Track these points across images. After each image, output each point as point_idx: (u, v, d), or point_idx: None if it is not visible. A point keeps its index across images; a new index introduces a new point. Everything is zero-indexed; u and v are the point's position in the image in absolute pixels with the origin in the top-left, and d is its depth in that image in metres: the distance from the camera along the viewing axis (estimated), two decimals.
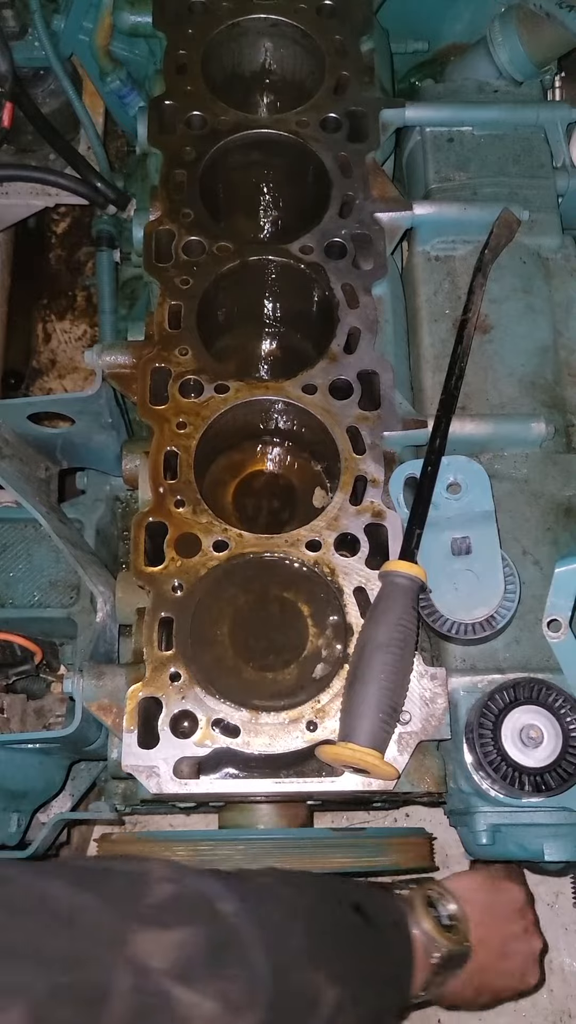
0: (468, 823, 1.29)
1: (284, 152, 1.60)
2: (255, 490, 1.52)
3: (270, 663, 1.35)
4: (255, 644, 1.36)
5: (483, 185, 1.58)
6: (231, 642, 1.35)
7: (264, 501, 1.52)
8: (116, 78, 1.92)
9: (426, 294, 1.54)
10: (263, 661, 1.35)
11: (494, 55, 1.69)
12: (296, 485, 1.51)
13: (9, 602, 1.53)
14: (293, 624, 1.36)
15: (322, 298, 1.49)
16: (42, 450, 1.55)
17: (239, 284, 1.52)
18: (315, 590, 1.32)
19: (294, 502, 1.49)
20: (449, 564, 1.28)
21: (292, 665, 1.34)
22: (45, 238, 2.64)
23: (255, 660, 1.35)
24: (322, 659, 1.33)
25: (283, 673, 1.34)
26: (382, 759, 1.17)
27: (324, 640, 1.33)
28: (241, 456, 1.53)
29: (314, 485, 1.49)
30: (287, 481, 1.52)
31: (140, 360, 1.42)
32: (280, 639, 1.36)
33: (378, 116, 1.59)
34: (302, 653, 1.34)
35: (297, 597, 1.36)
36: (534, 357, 1.48)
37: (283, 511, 1.49)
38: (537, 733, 1.21)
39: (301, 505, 1.47)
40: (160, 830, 1.92)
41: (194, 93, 1.60)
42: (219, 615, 1.34)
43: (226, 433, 1.45)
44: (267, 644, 1.36)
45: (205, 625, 1.31)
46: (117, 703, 1.25)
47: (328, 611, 1.31)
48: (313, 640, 1.34)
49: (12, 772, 1.40)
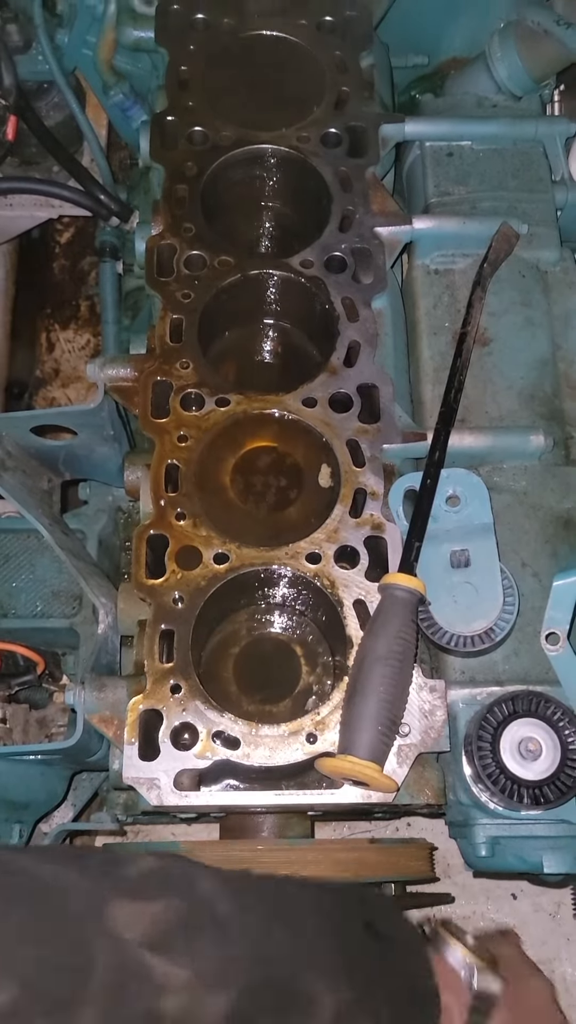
0: (467, 835, 1.30)
1: (285, 167, 1.62)
2: (259, 468, 1.51)
3: (266, 698, 1.39)
4: (253, 681, 1.40)
5: (482, 199, 1.59)
6: (233, 679, 1.39)
7: (269, 478, 1.51)
8: (119, 91, 1.94)
9: (426, 307, 1.55)
10: (260, 696, 1.39)
11: (493, 70, 1.70)
12: (301, 463, 1.50)
13: (12, 612, 1.54)
14: (287, 663, 1.40)
15: (322, 311, 1.50)
16: (45, 462, 1.56)
17: (240, 298, 1.53)
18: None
19: (300, 480, 1.48)
20: (448, 577, 1.29)
21: (287, 699, 1.37)
22: (49, 248, 2.66)
23: (253, 695, 1.39)
24: (314, 694, 1.37)
25: (279, 707, 1.38)
26: (381, 772, 1.17)
27: (315, 677, 1.38)
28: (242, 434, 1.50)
29: (320, 462, 1.48)
30: (292, 458, 1.51)
31: (142, 373, 1.43)
32: (275, 676, 1.40)
33: (378, 131, 1.60)
34: (295, 689, 1.38)
35: (291, 641, 1.39)
36: (533, 370, 1.49)
37: (289, 490, 1.49)
38: (536, 746, 1.21)
39: (306, 483, 1.46)
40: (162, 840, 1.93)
41: (196, 109, 1.62)
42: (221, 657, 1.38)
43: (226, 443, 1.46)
44: (264, 681, 1.40)
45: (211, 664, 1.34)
46: (118, 715, 1.26)
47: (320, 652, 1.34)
48: (305, 677, 1.39)
49: (14, 783, 1.41)
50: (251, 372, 1.58)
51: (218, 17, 1.69)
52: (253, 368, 1.59)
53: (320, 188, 1.57)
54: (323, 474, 1.44)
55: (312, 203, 1.60)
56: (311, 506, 1.44)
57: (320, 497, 1.43)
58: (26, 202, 2.07)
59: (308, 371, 1.46)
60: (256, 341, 1.63)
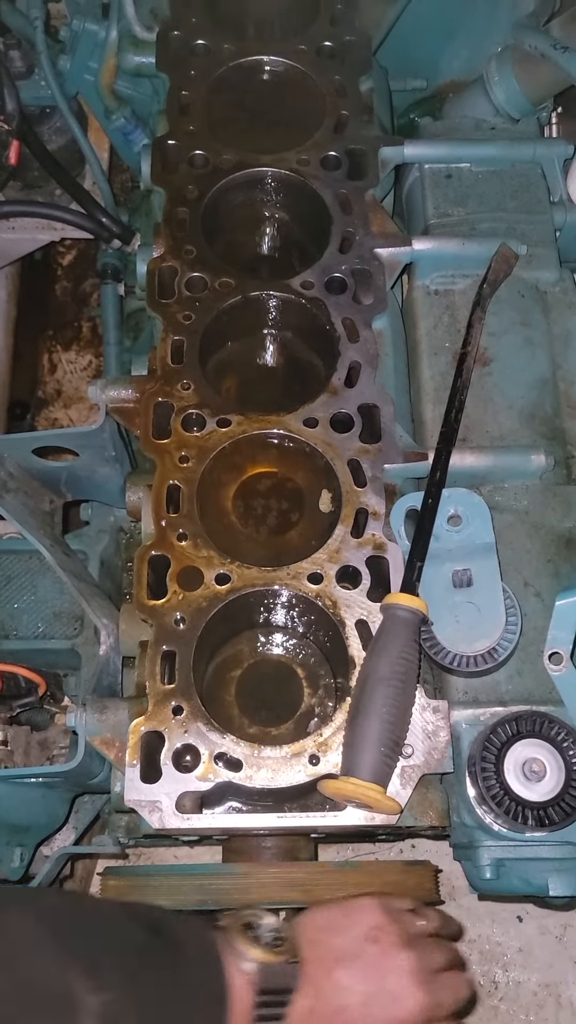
0: (472, 857, 1.29)
1: (285, 189, 1.63)
2: (260, 491, 1.51)
3: (268, 719, 1.38)
4: (255, 703, 1.39)
5: (481, 220, 1.60)
6: (235, 701, 1.38)
7: (270, 502, 1.51)
8: (121, 116, 1.96)
9: (426, 328, 1.55)
10: (262, 718, 1.38)
11: (491, 93, 1.72)
12: (302, 487, 1.50)
13: (14, 633, 1.54)
14: (289, 684, 1.40)
15: (323, 332, 1.50)
16: (47, 483, 1.56)
17: (241, 319, 1.54)
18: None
19: (301, 504, 1.49)
20: (450, 596, 1.28)
21: (289, 722, 1.37)
22: (51, 270, 2.68)
23: (255, 717, 1.38)
24: (316, 716, 1.37)
25: (280, 729, 1.37)
26: (384, 793, 1.16)
27: (317, 699, 1.38)
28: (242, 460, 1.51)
29: (320, 487, 1.48)
30: (293, 483, 1.51)
31: (143, 395, 1.44)
32: (277, 698, 1.39)
33: (377, 154, 1.62)
34: (297, 711, 1.38)
35: (293, 662, 1.39)
36: (533, 389, 1.49)
37: (290, 513, 1.49)
38: (540, 767, 1.21)
39: (307, 508, 1.47)
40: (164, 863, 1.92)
41: (196, 133, 1.64)
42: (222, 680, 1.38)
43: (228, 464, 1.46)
44: (265, 702, 1.39)
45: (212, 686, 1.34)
46: (120, 737, 1.26)
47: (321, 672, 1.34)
48: (307, 699, 1.39)
49: (15, 806, 1.40)
50: (252, 392, 1.58)
51: (218, 43, 1.71)
52: (254, 388, 1.59)
53: (320, 210, 1.58)
54: (323, 499, 1.44)
55: (312, 225, 1.62)
56: (312, 530, 1.44)
57: (321, 521, 1.43)
58: (28, 225, 2.09)
59: (309, 391, 1.47)
60: (257, 362, 1.64)
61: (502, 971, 2.00)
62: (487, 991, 1.99)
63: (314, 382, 1.49)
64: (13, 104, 1.85)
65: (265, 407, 1.44)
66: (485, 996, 1.98)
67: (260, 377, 1.60)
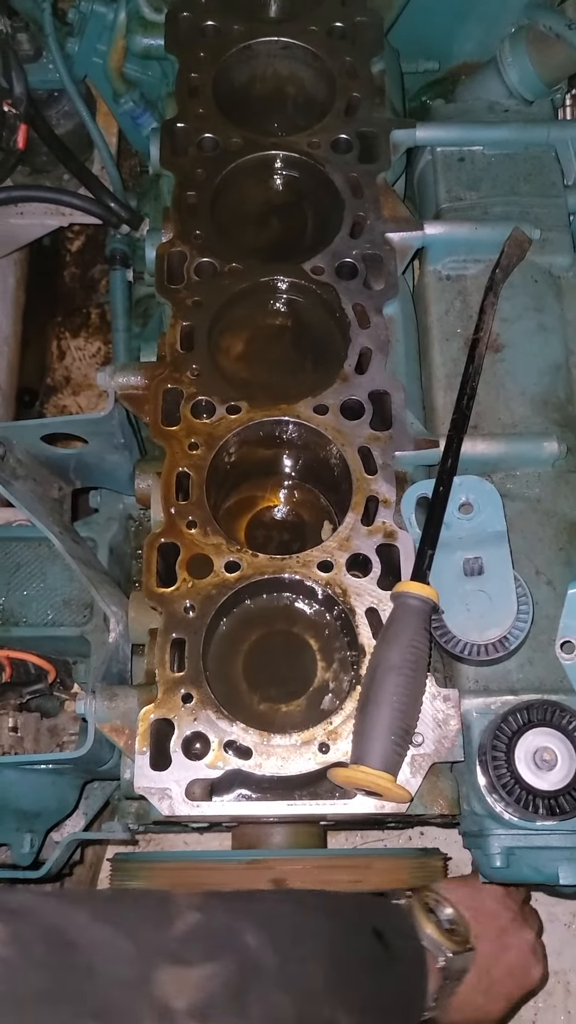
0: (482, 845, 1.28)
1: (295, 173, 1.61)
2: (266, 524, 1.52)
3: (279, 695, 1.36)
4: (264, 679, 1.37)
5: (494, 204, 1.58)
6: (244, 676, 1.36)
7: (275, 534, 1.52)
8: (129, 99, 1.94)
9: (437, 313, 1.54)
10: (272, 694, 1.36)
11: (504, 75, 1.69)
12: (306, 520, 1.52)
13: (23, 620, 1.54)
14: (301, 658, 1.37)
15: (333, 318, 1.49)
16: (56, 470, 1.56)
17: (250, 305, 1.53)
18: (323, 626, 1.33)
19: (304, 536, 1.49)
20: (461, 585, 1.27)
21: (301, 697, 1.34)
22: (60, 256, 2.66)
23: (264, 693, 1.36)
24: (330, 691, 1.34)
25: (293, 705, 1.35)
26: (394, 782, 1.16)
27: (332, 673, 1.35)
28: (251, 494, 1.54)
29: (323, 520, 1.49)
30: (297, 516, 1.53)
31: (152, 381, 1.43)
32: (288, 672, 1.37)
33: (389, 137, 1.60)
34: (310, 686, 1.35)
35: (305, 633, 1.37)
36: (546, 376, 1.47)
37: (293, 543, 1.49)
38: (551, 756, 1.20)
39: (311, 540, 1.47)
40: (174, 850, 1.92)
41: (206, 116, 1.62)
42: (231, 653, 1.36)
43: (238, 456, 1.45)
44: (276, 677, 1.37)
45: (217, 662, 1.32)
46: (129, 724, 1.25)
47: (335, 645, 1.31)
48: (321, 673, 1.36)
49: (25, 792, 1.40)
50: (262, 379, 1.57)
51: (228, 24, 1.69)
52: (264, 375, 1.58)
53: (331, 194, 1.56)
54: (326, 531, 1.45)
55: (323, 209, 1.60)
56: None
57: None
58: (37, 210, 2.08)
59: (319, 378, 1.46)
60: (267, 348, 1.62)
61: None
62: None
63: (324, 368, 1.48)
64: (21, 88, 1.84)
65: (275, 394, 1.43)
66: None
67: (270, 363, 1.59)
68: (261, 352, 1.59)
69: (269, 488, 1.55)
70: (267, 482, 1.54)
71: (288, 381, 1.53)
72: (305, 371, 1.55)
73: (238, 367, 1.56)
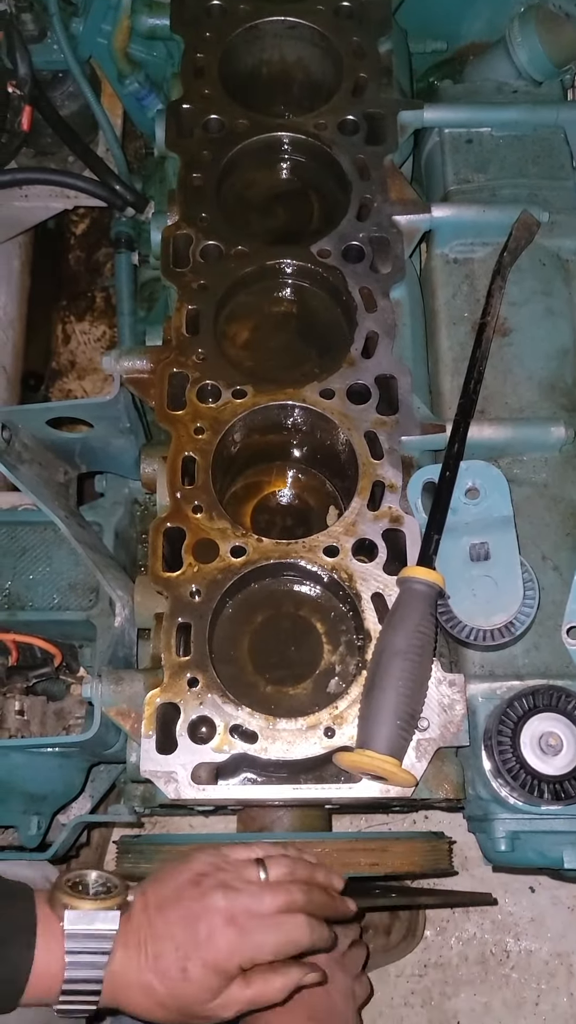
0: (487, 830, 1.29)
1: (301, 155, 1.60)
2: (272, 508, 1.52)
3: (285, 679, 1.36)
4: (270, 661, 1.36)
5: (502, 187, 1.57)
6: (248, 660, 1.36)
7: (279, 519, 1.51)
8: (134, 80, 1.92)
9: (445, 297, 1.53)
10: (278, 676, 1.36)
11: (513, 55, 1.67)
12: (312, 505, 1.51)
13: (29, 604, 1.54)
14: (307, 641, 1.37)
15: (340, 302, 1.48)
16: (61, 454, 1.56)
17: (256, 288, 1.52)
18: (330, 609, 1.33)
19: (309, 522, 1.49)
20: (467, 570, 1.27)
21: (307, 680, 1.34)
22: (64, 239, 2.65)
23: (271, 676, 1.36)
24: (336, 674, 1.34)
25: (299, 688, 1.35)
26: (400, 766, 1.16)
27: (338, 656, 1.34)
28: (257, 478, 1.53)
29: (328, 504, 1.49)
30: (303, 501, 1.52)
31: (158, 365, 1.42)
32: (295, 655, 1.36)
33: (396, 118, 1.58)
34: (316, 669, 1.34)
35: (311, 615, 1.37)
36: (553, 360, 1.47)
37: (297, 529, 1.49)
38: (556, 741, 1.20)
39: (316, 526, 1.47)
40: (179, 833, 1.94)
41: (211, 96, 1.60)
42: (237, 635, 1.35)
43: (243, 440, 1.45)
44: (281, 660, 1.37)
45: (223, 644, 1.32)
46: (135, 708, 1.26)
47: (342, 628, 1.31)
48: (327, 656, 1.35)
49: (32, 775, 1.41)
50: (268, 363, 1.56)
51: (234, 3, 1.67)
52: (270, 359, 1.58)
53: (337, 176, 1.55)
54: (331, 515, 1.45)
55: (329, 191, 1.59)
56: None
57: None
58: (41, 193, 2.06)
59: (325, 362, 1.45)
60: (273, 332, 1.62)
61: (514, 941, 2.01)
62: (499, 960, 2.00)
63: (331, 352, 1.48)
64: (25, 68, 1.82)
65: (281, 378, 1.42)
66: (497, 965, 2.00)
67: (276, 347, 1.58)
68: (267, 337, 1.58)
69: (275, 473, 1.54)
70: (273, 467, 1.54)
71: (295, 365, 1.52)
72: (311, 357, 1.54)
73: (244, 351, 1.55)
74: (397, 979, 1.99)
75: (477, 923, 2.02)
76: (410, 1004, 1.99)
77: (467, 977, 1.99)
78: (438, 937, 2.02)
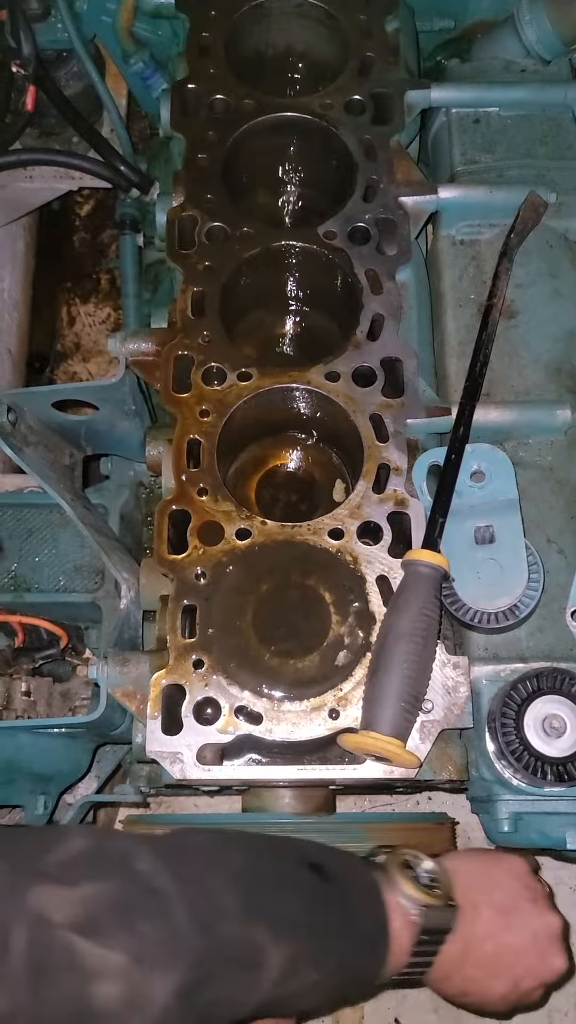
0: (490, 811, 1.30)
1: (308, 136, 1.59)
2: (276, 483, 1.52)
3: (292, 650, 1.35)
4: (276, 631, 1.35)
5: (509, 167, 1.55)
6: (253, 630, 1.35)
7: (284, 494, 1.51)
8: (139, 60, 1.91)
9: (451, 279, 1.52)
10: (284, 647, 1.35)
11: (521, 33, 1.66)
12: (317, 479, 1.50)
13: (35, 586, 1.55)
14: (315, 611, 1.35)
15: (345, 284, 1.48)
16: (67, 437, 1.56)
17: (262, 270, 1.52)
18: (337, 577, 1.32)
19: (314, 496, 1.49)
20: (472, 553, 1.28)
21: (314, 653, 1.34)
22: (69, 221, 2.64)
23: (276, 647, 1.35)
24: (344, 647, 1.33)
25: (305, 660, 1.34)
26: (404, 747, 1.17)
27: (347, 628, 1.33)
28: (263, 451, 1.52)
29: (334, 478, 1.49)
30: (308, 475, 1.51)
31: (163, 347, 1.42)
32: (302, 626, 1.36)
33: (403, 98, 1.57)
34: (324, 641, 1.34)
35: (319, 584, 1.36)
36: (560, 342, 1.46)
37: (302, 503, 1.49)
38: (560, 723, 1.21)
39: (321, 499, 1.46)
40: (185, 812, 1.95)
41: (217, 76, 1.59)
42: (242, 604, 1.34)
43: (249, 422, 1.45)
44: (288, 631, 1.36)
45: (228, 614, 1.31)
46: (141, 689, 1.27)
47: (350, 598, 1.30)
48: (335, 628, 1.34)
49: (39, 755, 1.42)
50: (273, 345, 1.56)
51: None
52: (275, 341, 1.57)
53: (344, 157, 1.54)
54: (337, 489, 1.44)
55: (335, 172, 1.58)
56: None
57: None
58: (46, 174, 2.05)
59: (331, 344, 1.45)
60: (278, 314, 1.61)
61: None
62: None
63: (336, 335, 1.47)
64: (30, 48, 1.81)
65: (286, 360, 1.42)
66: None
67: (282, 329, 1.57)
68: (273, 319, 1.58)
69: (280, 446, 1.53)
70: (278, 440, 1.53)
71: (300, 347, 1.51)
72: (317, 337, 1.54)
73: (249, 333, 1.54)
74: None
75: None
76: None
77: None
78: None
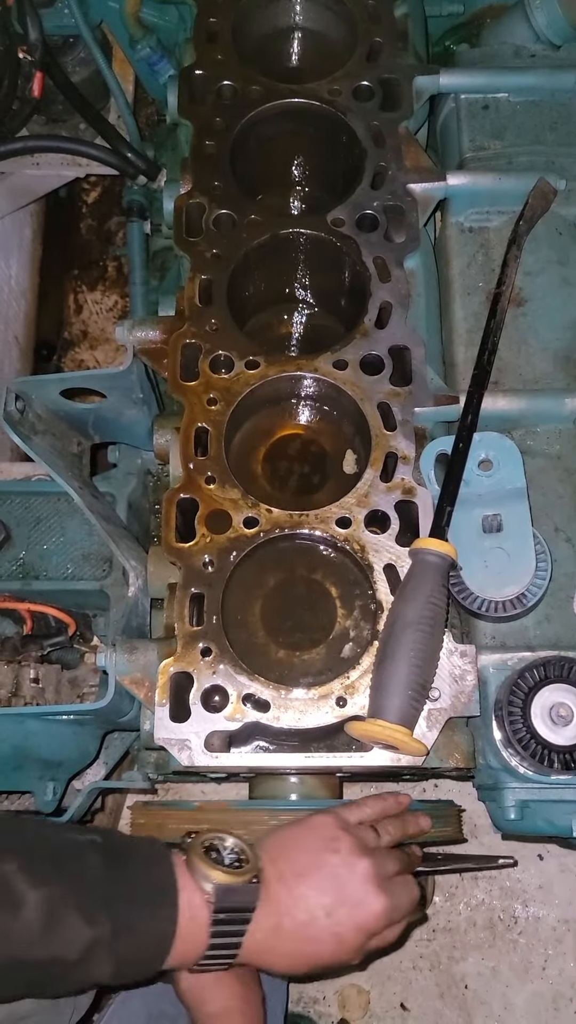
0: (496, 799, 1.30)
1: (316, 122, 1.58)
2: (286, 454, 1.51)
3: (299, 643, 1.36)
4: (283, 624, 1.36)
5: (519, 154, 1.54)
6: (261, 623, 1.36)
7: (295, 465, 1.50)
8: (146, 45, 1.90)
9: (459, 267, 1.51)
10: (292, 641, 1.36)
11: (531, 18, 1.64)
12: (327, 449, 1.49)
13: (43, 574, 1.55)
14: (322, 604, 1.36)
15: (353, 272, 1.47)
16: (74, 425, 1.56)
17: (270, 258, 1.51)
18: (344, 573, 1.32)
19: (324, 467, 1.48)
20: (480, 541, 1.27)
21: (321, 645, 1.34)
22: (76, 208, 2.63)
23: (284, 640, 1.36)
24: (350, 639, 1.34)
25: (312, 653, 1.35)
26: (411, 736, 1.18)
27: (352, 621, 1.34)
28: (271, 421, 1.51)
29: (345, 449, 1.48)
30: (318, 446, 1.50)
31: (170, 335, 1.42)
32: (308, 619, 1.36)
33: (412, 84, 1.56)
34: (330, 634, 1.34)
35: (326, 579, 1.37)
36: (569, 331, 1.45)
37: (313, 475, 1.48)
38: (567, 711, 1.21)
39: (332, 470, 1.45)
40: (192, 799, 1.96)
41: (224, 62, 1.58)
42: (249, 598, 1.35)
43: (256, 406, 1.45)
44: (295, 624, 1.37)
45: (235, 607, 1.32)
46: (149, 677, 1.27)
47: (356, 592, 1.31)
48: (341, 621, 1.35)
49: (48, 742, 1.43)
50: (280, 333, 1.56)
51: None
52: (282, 329, 1.57)
53: (352, 143, 1.53)
54: (348, 460, 1.43)
55: (344, 159, 1.57)
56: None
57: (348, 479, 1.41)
58: (53, 161, 2.05)
59: (339, 332, 1.44)
60: (286, 302, 1.61)
61: (522, 907, 2.04)
62: (507, 926, 2.03)
63: (344, 323, 1.47)
64: (36, 34, 1.80)
65: (294, 348, 1.42)
66: (505, 931, 2.03)
67: (289, 317, 1.57)
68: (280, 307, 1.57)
69: (289, 417, 1.52)
70: (287, 409, 1.52)
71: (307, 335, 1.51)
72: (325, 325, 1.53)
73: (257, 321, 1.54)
74: (406, 943, 2.02)
75: (485, 890, 2.05)
76: (418, 968, 2.02)
77: (475, 942, 2.03)
78: (447, 903, 2.05)
